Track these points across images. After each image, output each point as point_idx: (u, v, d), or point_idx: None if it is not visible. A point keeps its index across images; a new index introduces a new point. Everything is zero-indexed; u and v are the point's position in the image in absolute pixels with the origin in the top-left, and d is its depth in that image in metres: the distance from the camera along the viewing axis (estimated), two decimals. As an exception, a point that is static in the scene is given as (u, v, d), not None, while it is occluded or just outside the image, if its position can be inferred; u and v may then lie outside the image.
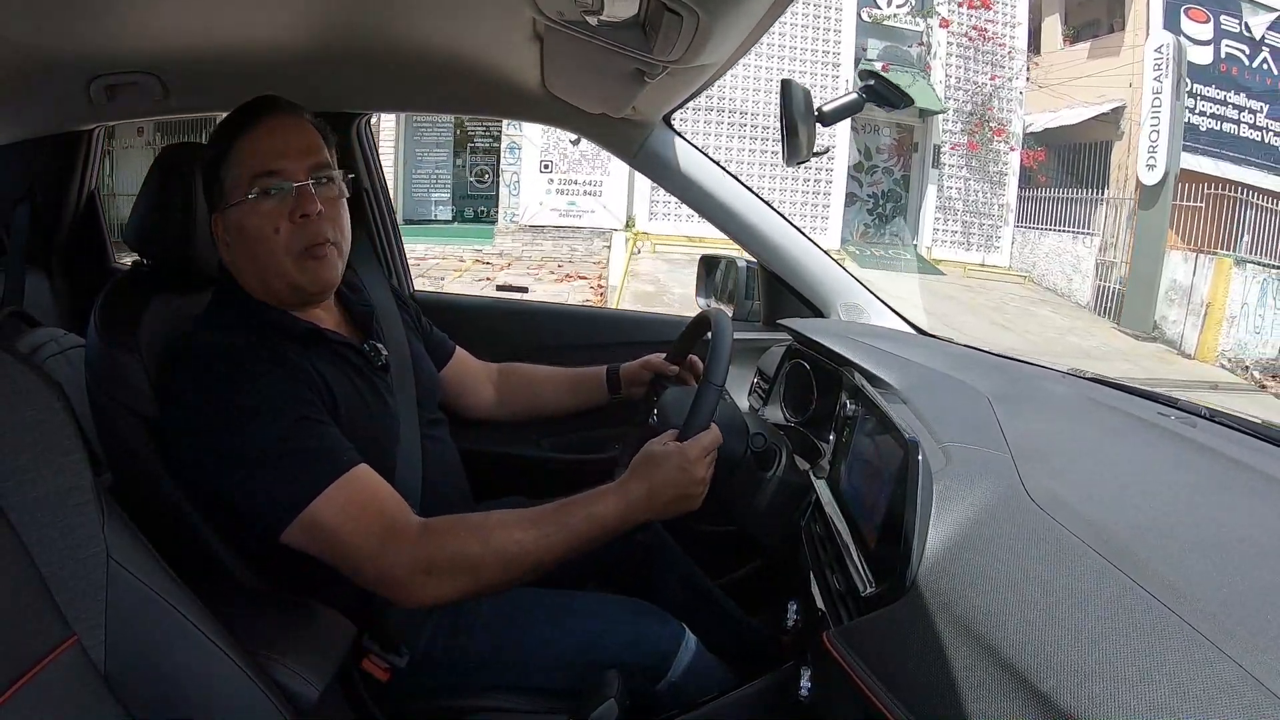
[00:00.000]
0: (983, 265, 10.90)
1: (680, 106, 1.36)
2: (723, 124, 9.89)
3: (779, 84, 1.28)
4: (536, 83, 1.31)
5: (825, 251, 1.49)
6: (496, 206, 10.35)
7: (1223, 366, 8.11)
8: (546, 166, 10.20)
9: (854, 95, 1.27)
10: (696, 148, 1.46)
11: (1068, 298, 10.10)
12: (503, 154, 10.33)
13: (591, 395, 1.31)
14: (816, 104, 1.26)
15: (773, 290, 1.56)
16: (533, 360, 1.38)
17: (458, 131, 10.63)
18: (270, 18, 1.12)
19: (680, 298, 7.97)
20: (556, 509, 0.87)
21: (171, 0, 1.03)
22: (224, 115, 0.97)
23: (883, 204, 11.40)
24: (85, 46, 1.15)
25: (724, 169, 1.46)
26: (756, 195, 1.48)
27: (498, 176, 10.38)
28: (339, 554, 0.83)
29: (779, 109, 1.25)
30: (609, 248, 9.74)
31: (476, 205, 10.74)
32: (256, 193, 0.89)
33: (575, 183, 10.26)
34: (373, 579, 0.83)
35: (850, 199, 10.98)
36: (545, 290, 8.05)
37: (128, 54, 1.21)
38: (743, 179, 1.49)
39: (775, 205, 1.52)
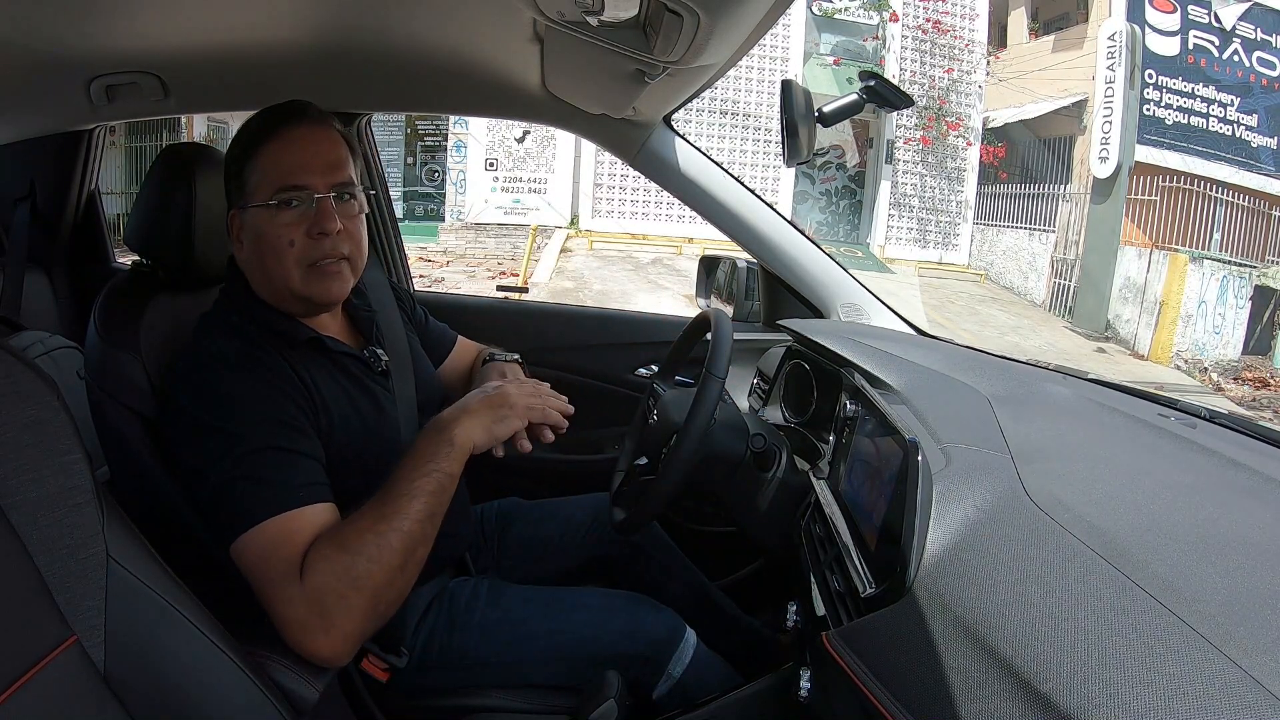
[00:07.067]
0: (939, 264, 10.66)
1: (680, 107, 1.36)
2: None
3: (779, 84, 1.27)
4: (537, 83, 1.31)
5: (825, 252, 1.49)
6: (445, 204, 10.34)
7: (1178, 368, 7.57)
8: (492, 164, 10.16)
9: (854, 96, 1.27)
10: (697, 148, 1.46)
11: (1023, 296, 9.86)
12: (449, 152, 10.27)
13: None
14: (816, 105, 1.26)
15: (773, 291, 1.56)
16: (535, 360, 1.38)
17: (408, 129, 10.52)
18: (271, 18, 1.12)
19: (598, 293, 8.09)
20: (395, 481, 0.81)
21: (172, 0, 1.03)
22: (223, 114, 0.97)
23: (836, 201, 11.15)
24: (85, 46, 1.14)
25: (724, 169, 1.46)
26: (757, 196, 1.48)
27: (446, 174, 10.34)
28: (257, 592, 0.78)
29: (779, 109, 1.25)
30: (542, 246, 9.66)
31: (427, 204, 10.67)
32: (277, 202, 0.88)
33: (520, 180, 10.24)
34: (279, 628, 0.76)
35: (801, 196, 10.78)
36: (478, 286, 8.10)
37: (128, 54, 1.21)
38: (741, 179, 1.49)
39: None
